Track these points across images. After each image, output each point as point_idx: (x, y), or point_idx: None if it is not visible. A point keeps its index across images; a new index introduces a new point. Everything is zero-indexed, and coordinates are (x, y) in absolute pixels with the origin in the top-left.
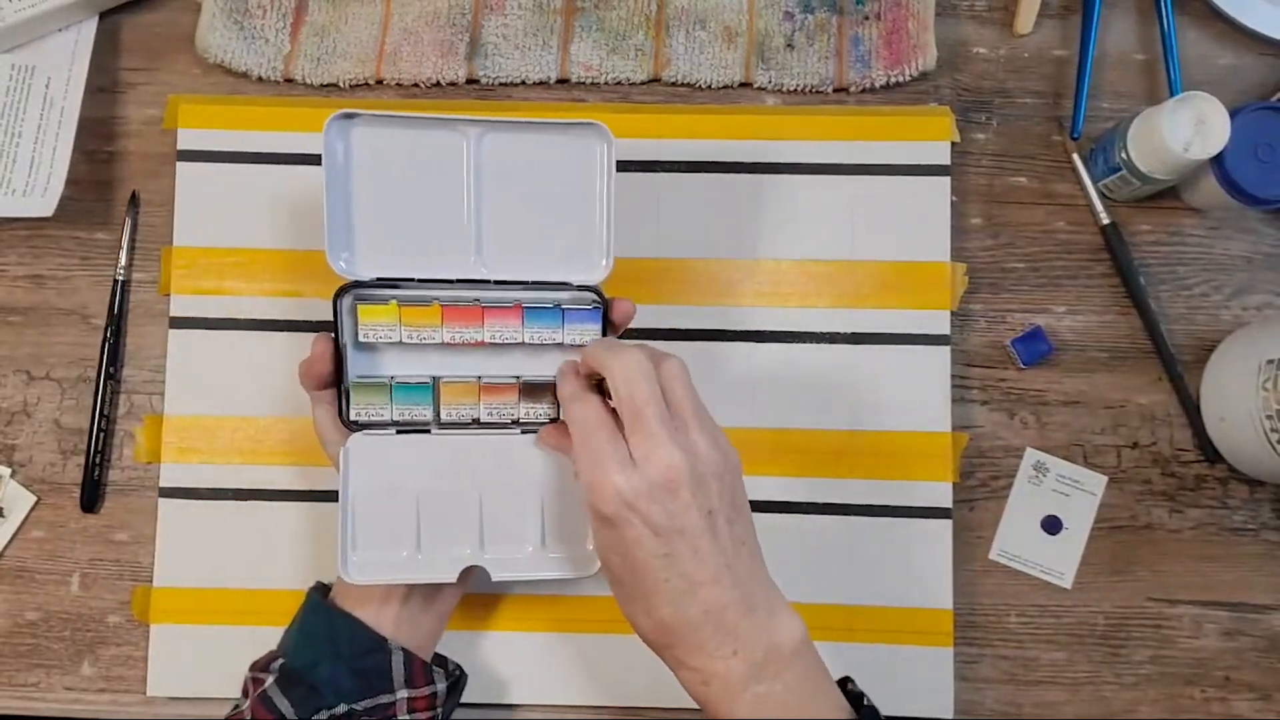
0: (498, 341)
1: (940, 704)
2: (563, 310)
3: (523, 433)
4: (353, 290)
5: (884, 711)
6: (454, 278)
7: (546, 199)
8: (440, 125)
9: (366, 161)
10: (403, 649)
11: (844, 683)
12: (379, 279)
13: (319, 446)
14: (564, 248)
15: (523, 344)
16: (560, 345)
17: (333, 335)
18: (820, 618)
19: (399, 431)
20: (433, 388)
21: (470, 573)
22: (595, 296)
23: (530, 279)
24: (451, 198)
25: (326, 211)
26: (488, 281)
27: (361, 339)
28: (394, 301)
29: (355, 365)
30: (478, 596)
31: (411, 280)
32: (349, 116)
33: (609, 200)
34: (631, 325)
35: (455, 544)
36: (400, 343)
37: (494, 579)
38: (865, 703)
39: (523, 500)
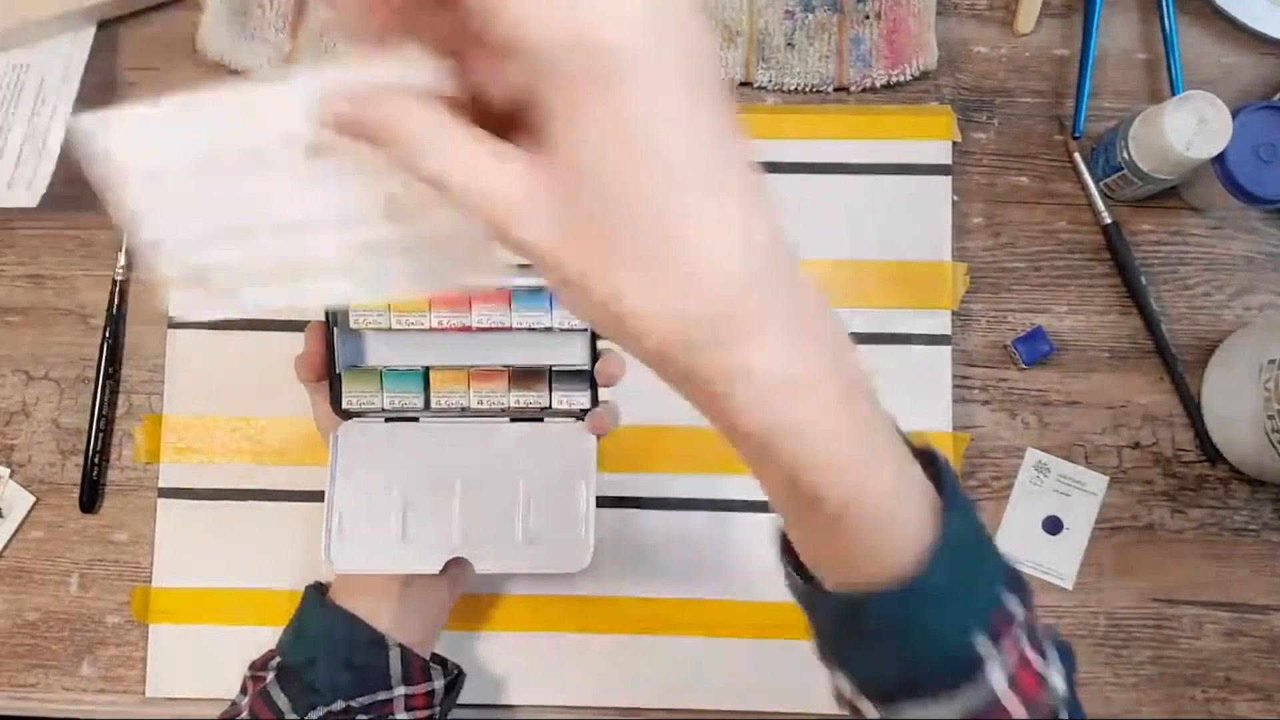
0: (486, 326)
1: None
2: (549, 294)
3: (512, 421)
4: None
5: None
6: None
7: None
8: None
9: None
10: (400, 646)
11: None
12: None
13: (318, 446)
14: None
15: (512, 329)
16: (549, 330)
17: (325, 324)
18: None
19: (388, 420)
20: (423, 376)
21: (458, 566)
22: None
23: (516, 260)
24: None
25: None
26: None
27: (352, 325)
28: None
29: (347, 354)
30: (475, 597)
31: None
32: None
33: None
34: None
35: (440, 534)
36: (390, 328)
37: (478, 570)
38: (939, 456)
39: (509, 493)
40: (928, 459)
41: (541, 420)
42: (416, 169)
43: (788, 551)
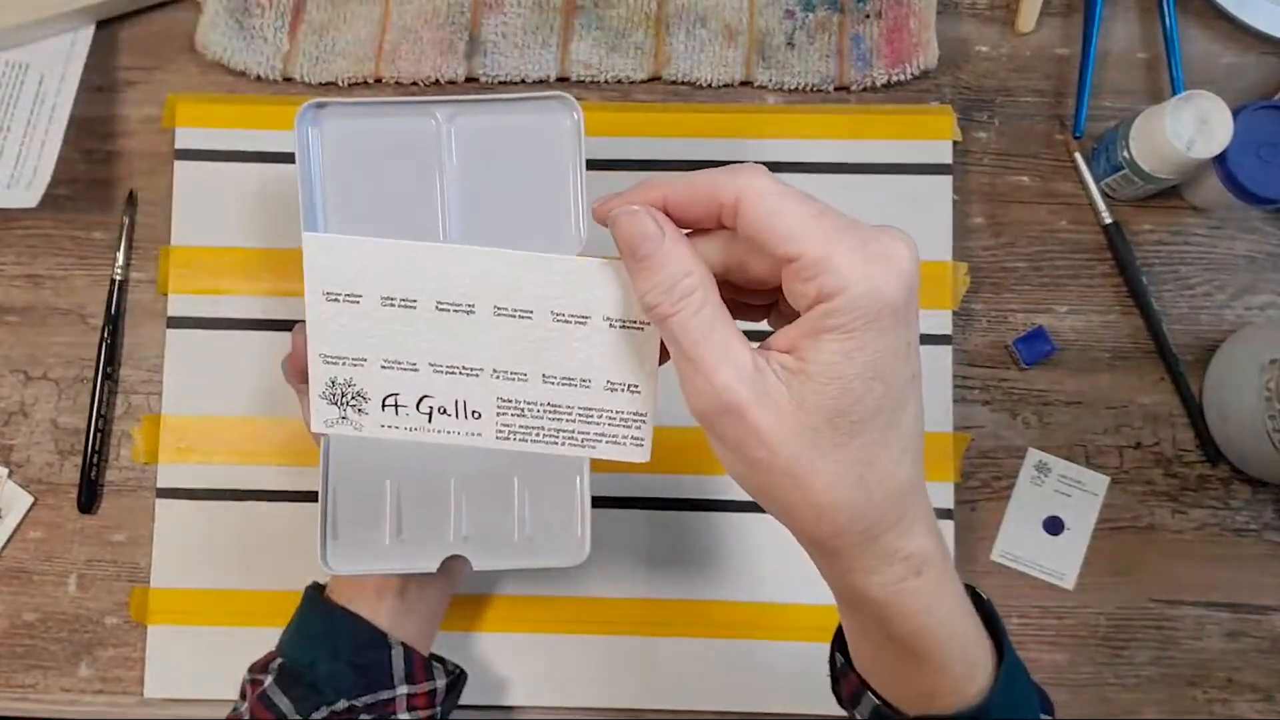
0: None
1: None
2: None
3: None
4: None
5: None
6: None
7: (519, 176)
8: (411, 109)
9: (339, 149)
10: (402, 644)
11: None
12: None
13: (316, 446)
14: (538, 223)
15: None
16: None
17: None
18: (823, 619)
19: None
20: None
21: (455, 564)
22: None
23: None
24: (425, 180)
25: (301, 201)
26: None
27: None
28: None
29: None
30: (475, 597)
31: None
32: (319, 106)
33: (580, 172)
34: None
35: (436, 532)
36: None
37: (475, 568)
38: (985, 597)
39: (505, 488)
40: (969, 591)
41: None
42: (674, 335)
43: (846, 678)
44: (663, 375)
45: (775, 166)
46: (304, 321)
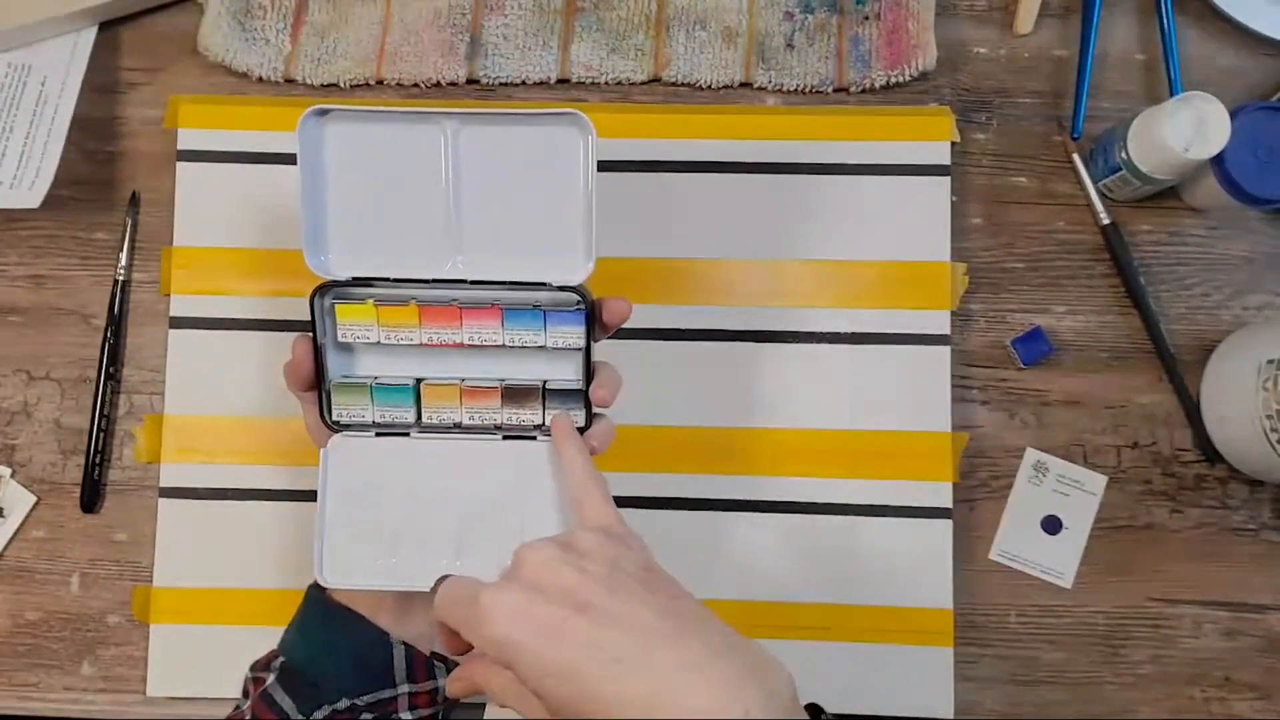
0: (477, 344)
1: (940, 704)
2: (544, 312)
3: (505, 439)
4: (330, 290)
5: (884, 711)
6: (430, 277)
7: (527, 194)
8: (416, 119)
9: (342, 158)
10: (404, 643)
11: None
12: (355, 278)
13: (317, 448)
14: (545, 246)
15: (504, 346)
16: (544, 348)
17: (311, 335)
18: (820, 618)
19: (379, 434)
20: (414, 390)
21: None
22: (577, 298)
23: (509, 279)
24: (430, 194)
25: (303, 210)
26: (465, 281)
27: (340, 339)
28: (371, 300)
29: (336, 366)
30: None
31: (388, 280)
32: (323, 113)
33: (591, 195)
34: (630, 326)
35: (433, 551)
36: (379, 343)
37: None
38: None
39: (502, 509)
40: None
41: (534, 439)
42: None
43: None
44: (660, 383)
45: (774, 168)
46: (305, 334)
